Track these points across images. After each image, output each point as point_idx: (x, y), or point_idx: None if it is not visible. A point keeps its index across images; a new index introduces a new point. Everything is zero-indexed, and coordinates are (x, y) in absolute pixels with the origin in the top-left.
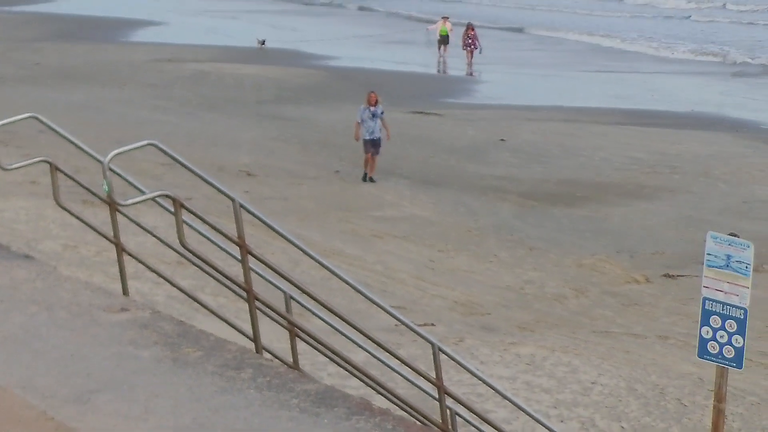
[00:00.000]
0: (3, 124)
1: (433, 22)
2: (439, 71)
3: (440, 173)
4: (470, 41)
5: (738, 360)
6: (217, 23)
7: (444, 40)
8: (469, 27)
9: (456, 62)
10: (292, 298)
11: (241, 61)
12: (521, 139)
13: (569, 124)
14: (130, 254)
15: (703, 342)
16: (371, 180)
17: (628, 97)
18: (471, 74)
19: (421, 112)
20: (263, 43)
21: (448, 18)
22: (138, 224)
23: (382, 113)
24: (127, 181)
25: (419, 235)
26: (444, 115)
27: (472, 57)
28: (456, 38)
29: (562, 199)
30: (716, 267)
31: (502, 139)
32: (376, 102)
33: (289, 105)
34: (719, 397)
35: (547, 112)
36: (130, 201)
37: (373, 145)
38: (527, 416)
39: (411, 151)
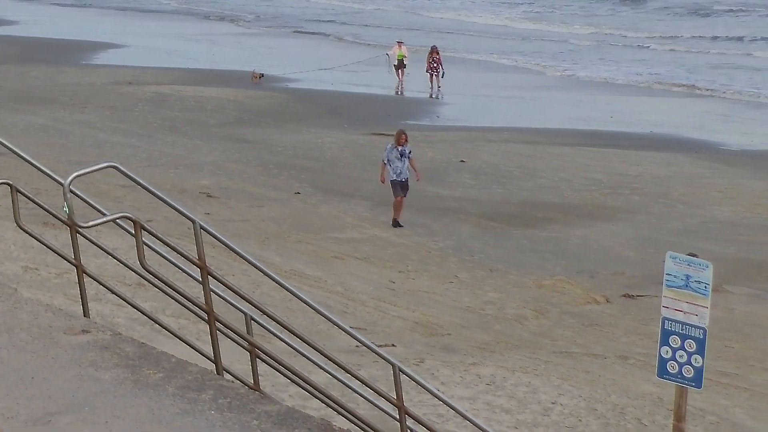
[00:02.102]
0: None
1: (389, 47)
2: (396, 93)
3: None
4: (435, 64)
5: (697, 379)
6: (178, 46)
7: (400, 64)
8: (434, 50)
9: (416, 84)
10: (252, 319)
11: (201, 84)
12: (481, 161)
13: (529, 145)
14: (90, 276)
15: (662, 362)
16: (399, 225)
17: (587, 118)
18: (435, 97)
19: (381, 134)
20: (261, 76)
21: (402, 43)
22: (99, 246)
23: (410, 153)
24: (87, 203)
25: (379, 257)
26: None
27: (436, 80)
28: (414, 62)
29: (522, 220)
30: (675, 287)
31: (462, 161)
32: (405, 141)
33: (250, 127)
34: (679, 417)
35: (507, 134)
36: (90, 223)
37: (401, 188)
38: None
39: (371, 173)
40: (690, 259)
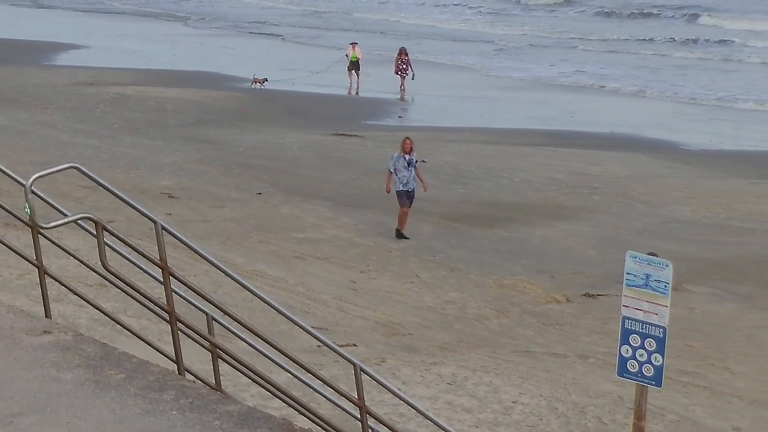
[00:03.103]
0: None
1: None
2: (350, 93)
3: (362, 195)
4: (403, 66)
5: (657, 378)
6: (140, 46)
7: (353, 65)
8: (402, 52)
9: (377, 85)
10: (214, 319)
11: (162, 84)
12: (442, 161)
13: (490, 145)
14: (52, 277)
15: (622, 361)
16: (404, 237)
17: (547, 118)
18: (403, 99)
19: (343, 134)
20: (265, 81)
21: (356, 44)
22: (60, 247)
23: (416, 162)
24: (49, 203)
25: (341, 257)
26: (365, 137)
27: (404, 81)
28: (380, 63)
29: (483, 220)
30: (635, 286)
31: (423, 161)
32: (411, 149)
33: (211, 127)
34: (639, 416)
35: (469, 134)
36: (52, 224)
37: (408, 198)
38: None
39: (333, 173)
40: (650, 259)
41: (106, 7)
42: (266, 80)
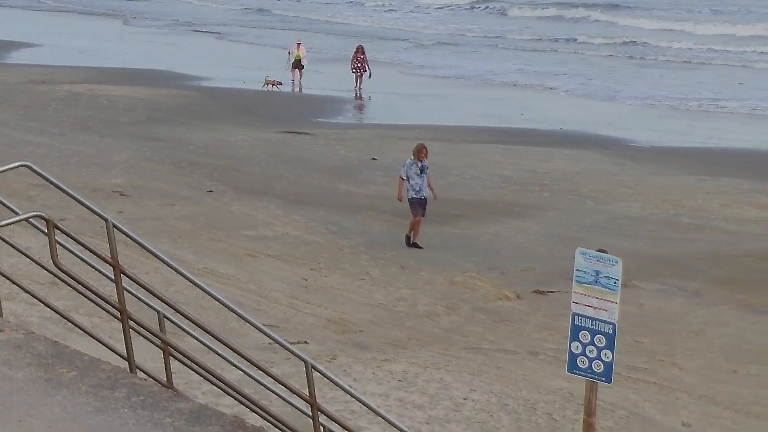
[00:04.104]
0: None
1: (286, 47)
2: (293, 91)
3: (312, 192)
4: (359, 64)
5: (607, 374)
6: (91, 45)
7: (296, 64)
8: (359, 50)
9: (327, 83)
10: (165, 317)
11: (113, 83)
12: (393, 158)
13: (441, 143)
14: (3, 275)
15: (572, 357)
16: (417, 246)
17: (497, 116)
18: (359, 97)
19: (293, 132)
20: (279, 84)
21: (300, 43)
22: (11, 245)
23: (427, 169)
24: (0, 201)
25: (292, 254)
26: (316, 134)
27: (361, 80)
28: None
29: (434, 217)
30: (585, 283)
31: (373, 158)
32: (425, 155)
33: (162, 125)
34: (589, 412)
35: (419, 131)
36: (3, 222)
37: (420, 206)
38: None
39: (283, 171)
40: (599, 255)
41: (38, 5)
42: (281, 83)
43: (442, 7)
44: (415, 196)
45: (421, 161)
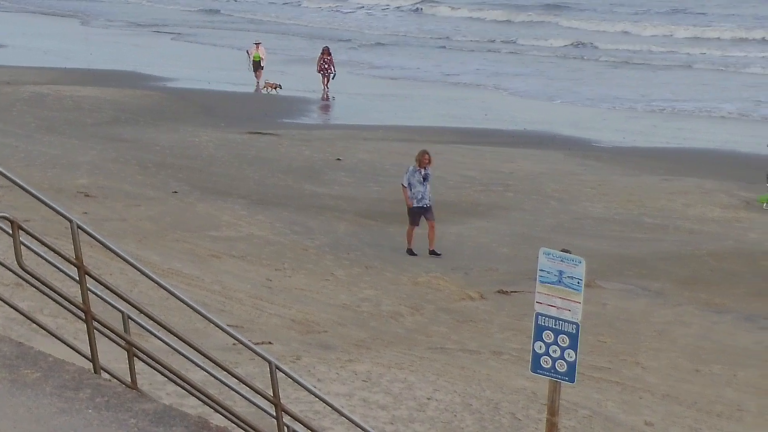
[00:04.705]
0: None
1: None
2: (256, 91)
3: (277, 193)
4: (326, 66)
5: (570, 374)
6: (55, 45)
7: (256, 65)
8: (325, 51)
9: (294, 83)
10: (130, 318)
11: (79, 83)
12: (357, 159)
13: (405, 143)
14: None
15: (536, 357)
16: (435, 253)
17: (461, 116)
18: (326, 98)
19: (258, 133)
20: (278, 86)
21: (260, 43)
22: None
23: (430, 177)
24: None
25: (256, 255)
26: (280, 135)
27: (327, 81)
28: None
29: (398, 218)
30: (549, 283)
31: (338, 159)
32: (429, 162)
33: (127, 126)
34: (552, 411)
35: (383, 132)
36: None
37: (421, 213)
38: None
39: (248, 172)
40: (563, 255)
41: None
42: (280, 86)
43: (388, 7)
44: (416, 204)
45: (425, 169)
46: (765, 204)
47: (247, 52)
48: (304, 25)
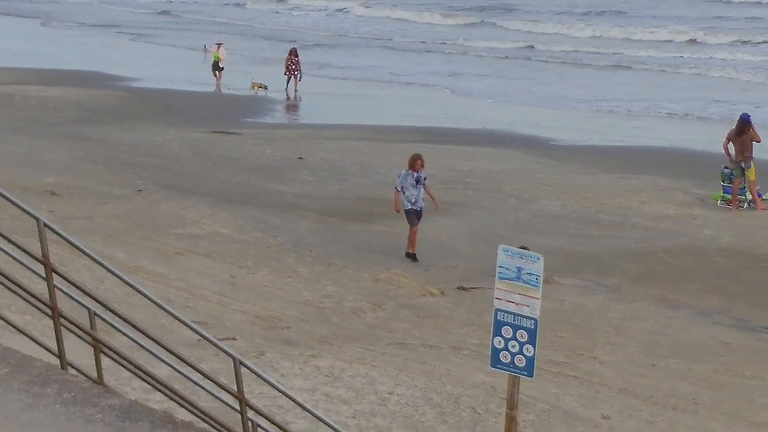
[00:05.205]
0: None
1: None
2: (215, 92)
3: (240, 191)
4: (293, 67)
5: (529, 369)
6: (23, 46)
7: (216, 65)
8: (292, 53)
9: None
10: (96, 314)
11: (45, 83)
12: (319, 158)
13: (366, 142)
14: None
15: (495, 352)
16: (416, 259)
17: (422, 116)
18: (291, 98)
19: (222, 132)
20: (264, 87)
21: (222, 44)
22: None
23: (425, 179)
24: None
25: (221, 252)
26: (244, 134)
27: (295, 82)
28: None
29: (360, 215)
30: (508, 279)
31: (300, 158)
32: (421, 166)
33: (93, 126)
34: (511, 405)
35: (345, 131)
36: None
37: (417, 216)
38: (327, 427)
39: (212, 170)
40: (521, 252)
41: None
42: (266, 87)
43: (324, 9)
44: (411, 207)
45: (417, 172)
46: (719, 201)
47: (205, 47)
48: (249, 25)
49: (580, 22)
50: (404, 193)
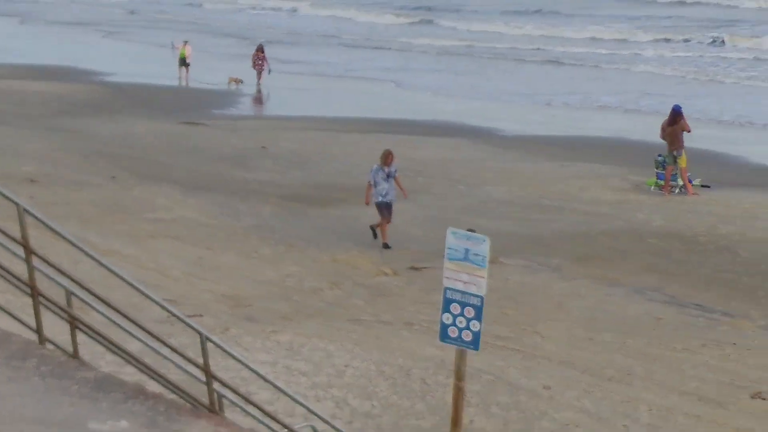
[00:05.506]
0: None
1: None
2: (180, 85)
3: (208, 179)
4: (260, 62)
5: (475, 343)
6: (3, 43)
7: (182, 62)
8: (259, 49)
9: (217, 77)
10: (72, 293)
11: (28, 78)
12: (281, 147)
13: (325, 132)
14: None
15: (444, 327)
16: (387, 246)
17: (377, 108)
18: (260, 91)
19: (190, 123)
20: (240, 81)
21: (188, 42)
22: None
23: (395, 172)
24: None
25: (189, 235)
26: (211, 125)
27: (260, 76)
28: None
29: (319, 201)
30: (456, 260)
31: (263, 147)
32: (392, 161)
33: (71, 118)
34: (459, 376)
35: (305, 123)
36: None
37: (386, 208)
38: (287, 397)
39: (181, 159)
40: (469, 234)
41: None
42: (242, 81)
43: (279, 8)
44: (382, 200)
45: (388, 167)
46: (652, 187)
47: (172, 44)
48: (212, 24)
49: (516, 21)
50: (376, 187)
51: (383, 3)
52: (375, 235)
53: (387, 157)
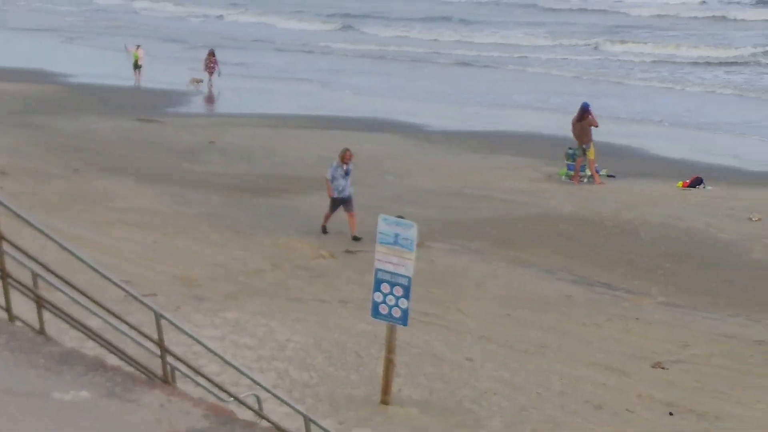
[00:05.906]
0: None
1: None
2: (135, 86)
3: (162, 171)
4: (212, 65)
5: (404, 319)
6: None
7: (135, 64)
8: (211, 53)
9: (170, 78)
10: (39, 275)
11: None
12: (228, 142)
13: (269, 128)
14: None
15: (375, 305)
16: (357, 238)
17: (316, 106)
18: (211, 92)
19: (145, 120)
20: (201, 81)
21: (140, 46)
22: None
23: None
24: None
25: (146, 222)
26: (164, 122)
27: (211, 78)
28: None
29: (263, 190)
30: (387, 243)
31: (211, 142)
32: (350, 159)
33: (37, 115)
34: (390, 349)
35: (249, 120)
36: None
37: (341, 203)
38: (234, 369)
39: (138, 153)
40: (398, 221)
41: None
42: (201, 80)
43: (206, 16)
44: (338, 195)
45: (346, 164)
46: (563, 177)
47: (126, 47)
48: (159, 30)
49: (426, 27)
50: (333, 183)
51: (303, 11)
52: (325, 231)
53: (345, 155)
